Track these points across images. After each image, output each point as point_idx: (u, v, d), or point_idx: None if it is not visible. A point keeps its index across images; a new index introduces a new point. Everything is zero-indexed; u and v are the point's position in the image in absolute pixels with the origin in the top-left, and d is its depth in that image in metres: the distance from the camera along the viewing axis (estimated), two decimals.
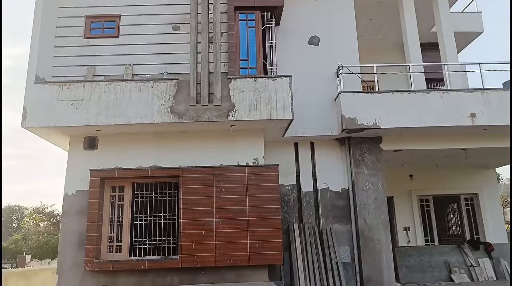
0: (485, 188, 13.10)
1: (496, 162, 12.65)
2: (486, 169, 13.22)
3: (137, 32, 9.33)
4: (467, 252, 12.27)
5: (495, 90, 9.18)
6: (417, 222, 12.87)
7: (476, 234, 13.01)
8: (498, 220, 13.05)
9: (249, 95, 8.18)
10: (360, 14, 11.97)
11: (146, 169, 8.28)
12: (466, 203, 13.32)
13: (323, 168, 9.77)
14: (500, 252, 12.31)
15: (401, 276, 11.72)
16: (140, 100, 8.12)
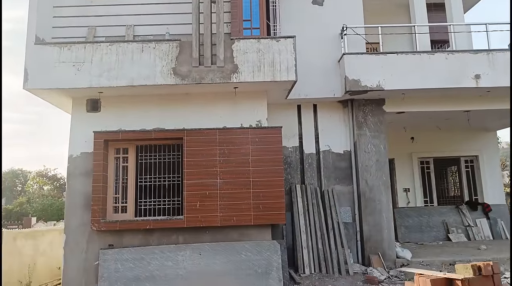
0: (485, 150, 13.22)
1: (498, 124, 12.68)
2: (487, 131, 13.29)
3: None
4: (465, 213, 12.53)
5: (501, 51, 9.08)
6: (417, 183, 13.06)
7: (474, 196, 13.24)
8: (497, 181, 13.24)
9: (252, 56, 8.09)
10: None
11: (150, 131, 8.30)
12: (466, 165, 13.48)
13: (326, 130, 9.82)
14: (497, 213, 12.57)
15: (400, 236, 12.03)
16: (142, 61, 8.04)
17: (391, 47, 10.27)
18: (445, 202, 13.43)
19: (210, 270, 7.39)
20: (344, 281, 8.01)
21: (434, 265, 8.59)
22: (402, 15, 12.91)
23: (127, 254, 7.46)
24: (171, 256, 7.45)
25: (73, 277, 7.74)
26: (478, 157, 13.23)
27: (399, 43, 10.89)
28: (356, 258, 9.21)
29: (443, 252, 9.90)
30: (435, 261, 8.85)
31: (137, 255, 7.46)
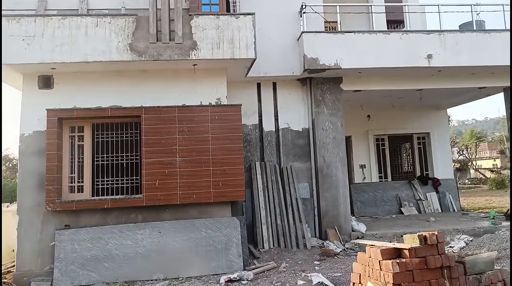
0: (436, 127, 13.82)
1: (448, 103, 13.27)
2: (438, 110, 13.87)
3: None
4: (416, 187, 13.13)
5: (451, 32, 9.42)
6: (373, 160, 13.52)
7: (426, 171, 13.88)
8: (447, 157, 13.93)
9: (211, 33, 7.99)
10: None
11: (106, 109, 8.09)
12: (418, 142, 14.07)
13: (285, 108, 9.93)
14: (446, 187, 13.27)
15: (356, 210, 12.48)
16: (97, 36, 7.76)
17: (350, 26, 10.43)
18: (399, 177, 14.01)
19: (170, 248, 7.42)
20: (301, 254, 8.27)
21: (386, 237, 9.00)
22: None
23: (84, 234, 7.35)
24: (130, 234, 7.41)
25: (27, 259, 7.55)
26: (430, 134, 13.82)
27: (357, 22, 11.06)
28: (314, 233, 9.50)
29: (396, 225, 10.38)
30: (388, 233, 9.27)
31: (94, 234, 7.36)
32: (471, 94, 11.77)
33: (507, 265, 5.98)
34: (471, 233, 9.18)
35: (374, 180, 13.39)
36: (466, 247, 7.96)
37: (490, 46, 9.38)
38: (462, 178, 42.55)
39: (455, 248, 8.07)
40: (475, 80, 10.22)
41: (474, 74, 10.06)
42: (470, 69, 9.64)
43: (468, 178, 42.92)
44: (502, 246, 6.90)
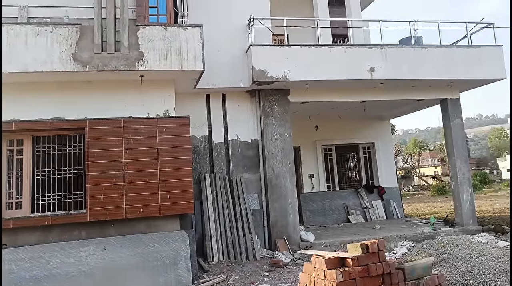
0: (380, 137, 14.37)
1: (391, 114, 13.87)
2: (382, 120, 14.44)
3: None
4: (363, 196, 13.54)
5: (392, 47, 9.89)
6: (321, 169, 13.83)
7: (371, 179, 14.35)
8: (390, 166, 14.52)
9: (159, 44, 7.91)
10: None
11: (48, 121, 7.76)
12: (364, 151, 14.54)
13: (234, 119, 9.96)
14: (390, 195, 13.79)
15: (305, 220, 12.67)
16: (38, 46, 7.46)
17: (297, 39, 10.68)
18: (346, 186, 14.39)
19: (115, 265, 7.17)
20: (251, 266, 8.28)
21: (334, 245, 9.21)
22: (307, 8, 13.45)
23: (22, 253, 6.96)
24: (73, 252, 7.10)
25: None
26: (374, 144, 14.35)
27: (304, 35, 11.34)
28: (263, 243, 9.54)
29: (343, 233, 10.65)
30: (335, 241, 9.49)
31: (34, 253, 6.98)
32: (411, 106, 12.37)
33: (444, 270, 6.29)
34: (413, 239, 9.59)
35: (323, 189, 13.69)
36: (408, 252, 8.29)
37: (426, 60, 9.93)
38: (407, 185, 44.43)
39: (398, 254, 8.38)
40: (415, 92, 10.75)
41: (414, 87, 10.59)
42: (409, 82, 10.14)
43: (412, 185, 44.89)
44: (440, 251, 7.24)
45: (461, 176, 10.80)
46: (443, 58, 10.03)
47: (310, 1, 11.95)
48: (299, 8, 13.80)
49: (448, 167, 11.59)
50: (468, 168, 11.02)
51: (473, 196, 10.97)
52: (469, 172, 11.08)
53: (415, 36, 10.49)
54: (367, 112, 12.39)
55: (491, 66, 10.31)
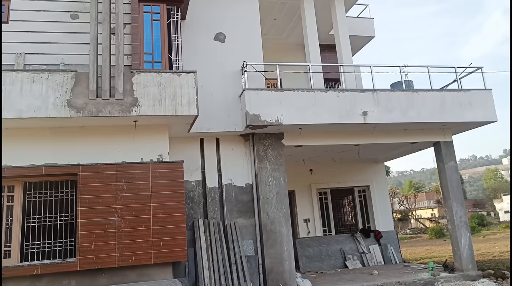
0: (375, 180, 14.33)
1: (385, 156, 13.89)
2: (376, 163, 14.45)
3: (31, 18, 8.61)
4: (359, 240, 13.31)
5: (384, 91, 10.04)
6: (316, 214, 13.66)
7: (367, 223, 14.16)
8: (386, 209, 14.39)
9: (153, 90, 7.99)
10: (265, 13, 12.38)
11: (40, 167, 7.70)
12: (359, 194, 14.44)
13: (228, 163, 9.92)
14: (387, 239, 13.57)
15: (301, 266, 12.37)
16: (33, 92, 7.51)
17: (289, 83, 10.87)
18: (342, 230, 14.17)
19: None
20: None
21: None
22: (299, 52, 13.82)
23: None
24: None
25: None
26: (370, 187, 14.28)
27: (297, 79, 11.54)
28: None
29: (340, 280, 10.37)
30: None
31: None
32: (405, 148, 12.43)
33: None
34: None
35: (319, 234, 13.47)
36: None
37: (418, 104, 10.07)
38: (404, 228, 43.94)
39: None
40: (408, 135, 10.83)
41: (406, 130, 10.68)
42: (402, 125, 10.23)
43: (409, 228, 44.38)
44: None
45: (458, 220, 10.69)
46: (434, 102, 10.19)
47: (302, 46, 12.24)
48: (292, 53, 14.20)
49: (445, 209, 11.49)
50: (465, 211, 10.92)
51: (471, 239, 10.81)
52: (466, 215, 10.98)
53: (406, 80, 10.70)
54: (362, 155, 12.42)
55: (481, 110, 10.47)
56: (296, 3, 12.19)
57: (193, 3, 9.77)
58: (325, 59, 12.57)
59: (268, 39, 13.15)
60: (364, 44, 15.04)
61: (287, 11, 13.10)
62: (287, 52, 14.35)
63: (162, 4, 9.08)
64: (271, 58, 11.30)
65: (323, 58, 11.60)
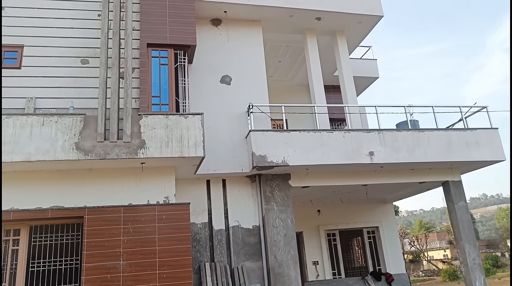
0: (384, 221, 14.09)
1: (393, 196, 13.73)
2: (385, 203, 14.27)
3: (42, 64, 8.86)
4: (370, 284, 12.94)
5: (389, 131, 10.06)
6: (325, 256, 13.36)
7: (378, 266, 13.81)
8: (397, 251, 14.05)
9: (160, 132, 8.08)
10: (270, 56, 12.70)
11: (47, 210, 7.68)
12: (368, 236, 14.16)
13: (235, 205, 9.85)
14: (399, 282, 13.17)
15: None
16: (42, 136, 7.61)
17: (295, 124, 10.95)
18: (352, 273, 13.81)
19: None
20: None
21: None
22: (304, 93, 14.05)
23: None
24: None
25: None
26: (379, 228, 14.02)
27: (302, 120, 11.64)
28: None
29: None
30: None
31: None
32: (413, 188, 12.30)
33: None
34: None
35: (328, 276, 13.12)
36: None
37: (424, 143, 10.05)
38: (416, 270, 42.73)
39: None
40: (415, 175, 10.76)
41: (414, 169, 10.62)
42: (409, 165, 10.18)
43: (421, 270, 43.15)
44: None
45: (471, 262, 10.40)
46: (441, 142, 10.17)
47: (307, 87, 12.44)
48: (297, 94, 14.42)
49: (457, 250, 11.21)
50: (478, 252, 10.64)
51: (486, 282, 10.47)
52: (479, 256, 10.68)
53: (411, 120, 10.74)
54: (370, 195, 12.29)
55: (489, 149, 10.42)
56: (300, 46, 12.50)
57: (199, 47, 10.03)
58: (330, 100, 12.73)
59: (273, 81, 13.40)
60: (368, 84, 15.25)
61: (292, 54, 13.42)
62: (292, 93, 14.58)
63: (170, 49, 9.35)
64: (276, 99, 11.46)
65: (328, 99, 11.75)
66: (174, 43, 9.35)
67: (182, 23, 9.51)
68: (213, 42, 10.69)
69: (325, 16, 11.31)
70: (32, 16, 9.12)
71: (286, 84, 14.76)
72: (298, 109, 11.65)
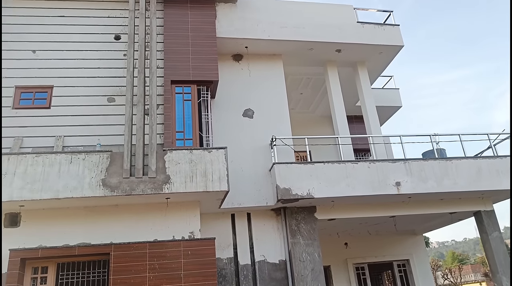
0: (415, 253, 13.60)
1: (423, 228, 13.31)
2: (415, 235, 13.83)
3: (71, 103, 9.16)
4: None
5: (416, 161, 9.85)
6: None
7: None
8: (430, 285, 13.46)
9: (185, 167, 8.14)
10: (291, 88, 12.80)
11: (74, 247, 7.75)
12: (399, 269, 13.66)
13: (261, 239, 9.71)
14: None
15: None
16: (70, 173, 7.78)
17: (319, 156, 10.88)
18: None
19: None
20: None
21: None
22: (326, 124, 14.02)
23: None
24: None
25: None
26: (409, 260, 13.53)
27: (326, 151, 11.55)
28: None
29: None
30: None
31: None
32: (443, 219, 11.91)
33: None
34: None
35: None
36: None
37: (453, 172, 9.79)
38: None
39: None
40: (445, 205, 10.44)
41: (443, 200, 10.32)
42: (438, 195, 9.90)
43: None
44: None
45: None
46: (470, 170, 9.89)
47: (329, 118, 12.41)
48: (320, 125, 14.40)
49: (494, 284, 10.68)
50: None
51: None
52: None
53: (438, 148, 10.53)
54: (398, 227, 11.95)
55: None
56: (321, 78, 12.57)
57: (222, 82, 10.20)
58: (353, 130, 12.64)
59: (295, 113, 13.44)
60: (391, 114, 15.14)
61: (313, 86, 13.50)
62: (314, 124, 14.57)
63: (193, 85, 9.54)
64: (299, 131, 11.44)
65: (351, 130, 11.69)
66: (197, 79, 9.56)
67: (205, 60, 9.74)
68: (235, 76, 10.87)
69: (345, 48, 11.40)
70: (61, 58, 9.50)
71: (308, 116, 14.79)
72: (322, 140, 11.60)
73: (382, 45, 11.46)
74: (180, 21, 10.01)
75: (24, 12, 9.78)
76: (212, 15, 10.36)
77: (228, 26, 10.55)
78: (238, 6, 10.87)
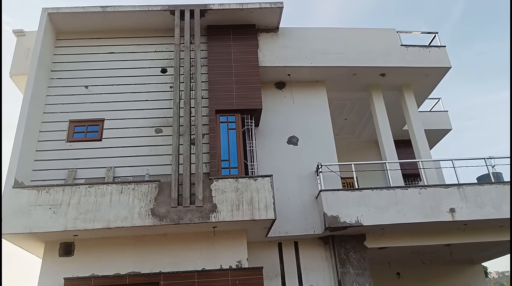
0: (474, 284, 12.81)
1: (482, 256, 12.55)
2: (473, 264, 13.07)
3: (120, 135, 9.49)
4: None
5: (470, 186, 9.38)
6: None
7: None
8: None
9: (231, 195, 8.17)
10: (336, 114, 12.68)
11: (124, 276, 7.88)
12: None
13: (309, 268, 9.49)
14: None
15: None
16: (120, 203, 7.99)
17: (366, 181, 10.59)
18: None
19: None
20: None
21: None
22: (373, 149, 13.69)
23: None
24: None
25: None
26: None
27: (373, 177, 11.25)
28: None
29: None
30: None
31: None
32: (503, 247, 11.16)
33: None
34: None
35: None
36: None
37: None
38: None
39: None
40: (505, 232, 9.79)
41: (502, 226, 9.70)
42: (496, 221, 9.31)
43: None
44: None
45: None
46: None
47: (376, 143, 12.13)
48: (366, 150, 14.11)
49: None
50: None
51: None
52: None
53: (494, 172, 9.99)
54: (454, 255, 11.32)
55: None
56: (366, 103, 12.39)
57: (265, 110, 10.27)
58: (401, 155, 12.26)
59: (340, 139, 13.24)
60: (441, 137, 14.63)
61: (357, 111, 13.32)
62: (360, 149, 14.30)
63: (237, 114, 9.66)
64: (344, 157, 11.24)
65: (398, 154, 11.34)
66: (241, 108, 9.67)
67: (248, 89, 9.86)
68: (278, 104, 10.90)
69: (390, 72, 11.21)
70: (112, 92, 9.91)
71: (353, 141, 14.55)
72: (369, 166, 11.32)
73: (428, 67, 11.17)
74: (224, 52, 10.25)
75: (77, 50, 10.36)
76: (255, 45, 10.54)
77: (270, 55, 10.68)
78: (279, 35, 11.01)
